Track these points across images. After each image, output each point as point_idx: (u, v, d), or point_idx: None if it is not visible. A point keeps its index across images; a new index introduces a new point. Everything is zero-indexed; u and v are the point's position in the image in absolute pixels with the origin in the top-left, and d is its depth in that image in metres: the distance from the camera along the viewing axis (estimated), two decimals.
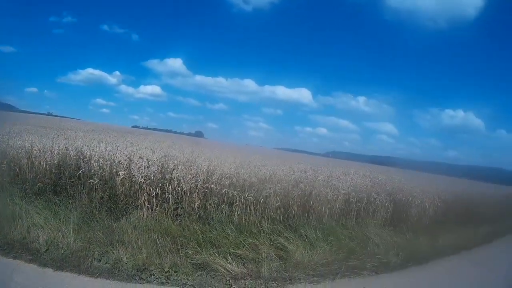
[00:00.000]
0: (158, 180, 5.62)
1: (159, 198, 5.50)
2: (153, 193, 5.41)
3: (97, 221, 5.07)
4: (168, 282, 4.12)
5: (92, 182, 5.47)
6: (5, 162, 5.86)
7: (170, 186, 5.52)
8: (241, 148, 17.96)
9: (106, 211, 5.33)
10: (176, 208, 5.55)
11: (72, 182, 5.72)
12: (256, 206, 5.79)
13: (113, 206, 5.44)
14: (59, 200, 5.46)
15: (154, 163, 5.92)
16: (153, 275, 4.17)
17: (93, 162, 5.73)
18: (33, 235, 4.59)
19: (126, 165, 5.82)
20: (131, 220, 5.11)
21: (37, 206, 5.22)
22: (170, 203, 5.50)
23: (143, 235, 4.77)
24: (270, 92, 29.55)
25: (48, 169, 5.91)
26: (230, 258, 4.59)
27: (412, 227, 7.12)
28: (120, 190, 5.56)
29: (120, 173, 5.55)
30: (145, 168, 5.67)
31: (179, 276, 4.22)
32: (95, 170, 5.63)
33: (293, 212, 6.14)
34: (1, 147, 6.33)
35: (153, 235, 4.79)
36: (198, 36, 29.37)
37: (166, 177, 5.72)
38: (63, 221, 4.91)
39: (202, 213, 5.60)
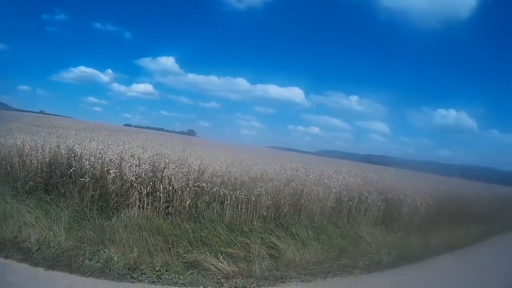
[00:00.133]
0: (149, 179, 5.60)
1: (150, 197, 5.49)
2: (144, 192, 5.40)
3: (88, 220, 5.05)
4: (159, 281, 4.10)
5: (83, 181, 5.43)
6: None
7: (161, 185, 5.51)
8: (233, 147, 17.83)
9: (97, 210, 5.31)
10: (167, 207, 5.55)
11: (64, 181, 5.69)
12: (248, 205, 5.80)
13: (104, 205, 5.42)
14: (51, 199, 5.44)
15: (146, 162, 5.91)
16: (144, 274, 4.16)
17: (85, 161, 5.70)
18: (25, 234, 4.56)
19: (118, 164, 5.79)
20: (122, 219, 5.10)
21: (29, 205, 5.19)
22: (161, 202, 5.49)
23: (134, 234, 4.76)
24: (262, 91, 29.65)
25: (40, 168, 5.88)
26: (221, 257, 4.60)
27: (404, 226, 7.15)
28: (111, 189, 5.54)
29: (111, 172, 5.52)
30: (137, 167, 5.65)
31: (170, 275, 4.21)
32: (87, 169, 5.59)
33: (285, 211, 6.16)
34: None
35: (144, 234, 4.78)
36: (191, 35, 29.45)
37: (157, 176, 5.72)
38: (55, 220, 4.88)
39: (193, 212, 5.60)
